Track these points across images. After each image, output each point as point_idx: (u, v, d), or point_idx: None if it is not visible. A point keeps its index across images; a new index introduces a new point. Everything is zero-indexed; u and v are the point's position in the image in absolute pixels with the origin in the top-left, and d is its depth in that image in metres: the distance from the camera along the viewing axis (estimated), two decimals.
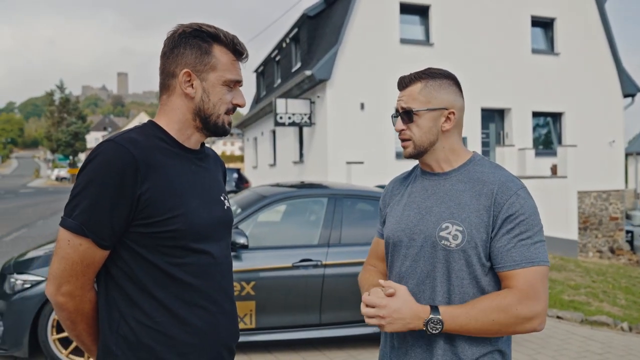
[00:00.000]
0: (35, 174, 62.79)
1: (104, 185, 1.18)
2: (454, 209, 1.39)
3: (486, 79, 13.78)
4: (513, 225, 1.33)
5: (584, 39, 14.99)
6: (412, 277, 1.43)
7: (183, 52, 1.30)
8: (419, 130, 1.43)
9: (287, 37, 17.11)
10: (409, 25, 13.67)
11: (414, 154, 1.46)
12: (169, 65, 1.31)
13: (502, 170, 1.44)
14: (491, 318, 1.29)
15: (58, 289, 1.23)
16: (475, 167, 1.45)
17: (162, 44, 1.35)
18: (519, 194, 1.36)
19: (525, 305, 1.29)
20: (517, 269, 1.32)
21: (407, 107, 1.43)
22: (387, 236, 1.53)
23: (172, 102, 1.33)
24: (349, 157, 12.52)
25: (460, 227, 1.36)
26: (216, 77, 1.31)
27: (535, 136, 15.28)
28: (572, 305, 5.99)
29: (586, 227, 14.58)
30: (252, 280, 4.01)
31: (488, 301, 1.31)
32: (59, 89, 58.39)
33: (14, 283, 3.89)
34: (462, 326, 1.30)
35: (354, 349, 4.35)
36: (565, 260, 9.35)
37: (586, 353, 4.41)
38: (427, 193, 1.47)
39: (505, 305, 1.29)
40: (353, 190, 4.71)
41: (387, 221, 1.56)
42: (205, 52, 1.30)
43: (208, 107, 1.32)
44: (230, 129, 1.38)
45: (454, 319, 1.29)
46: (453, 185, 1.43)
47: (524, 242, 1.32)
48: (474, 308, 1.30)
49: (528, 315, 1.30)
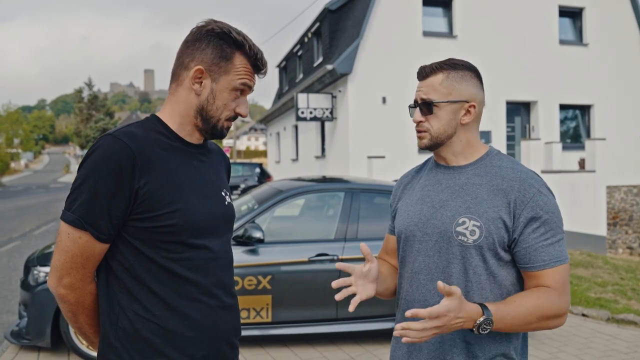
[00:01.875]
0: (65, 169, 64.48)
1: (101, 179, 1.18)
2: (470, 204, 1.35)
3: (511, 71, 13.48)
4: (538, 225, 1.31)
5: (614, 29, 14.51)
6: (426, 273, 1.40)
7: (204, 48, 1.28)
8: (437, 122, 1.39)
9: (309, 31, 17.08)
10: (432, 18, 13.47)
11: (429, 145, 1.42)
12: (186, 55, 1.30)
13: (520, 165, 1.41)
14: (533, 317, 1.28)
15: (59, 281, 1.24)
16: (492, 161, 1.41)
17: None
18: (541, 191, 1.34)
19: (560, 302, 1.31)
20: (547, 269, 1.31)
21: (427, 98, 1.39)
22: (399, 230, 1.50)
23: (178, 94, 1.32)
24: (371, 151, 12.44)
25: (477, 222, 1.32)
26: (227, 81, 1.29)
27: (563, 129, 14.90)
28: (598, 303, 5.82)
29: (615, 222, 14.16)
30: (268, 274, 4.01)
31: (534, 299, 1.29)
32: (87, 86, 59.81)
33: (37, 275, 3.99)
34: (507, 326, 1.28)
35: (370, 344, 4.33)
36: (593, 257, 9.09)
37: (611, 352, 4.28)
38: (441, 186, 1.43)
39: (550, 303, 1.29)
40: (370, 184, 4.67)
41: (398, 215, 1.52)
42: (225, 57, 1.28)
43: (211, 109, 1.31)
44: (227, 133, 1.38)
45: (502, 319, 1.25)
46: (469, 179, 1.39)
47: (549, 240, 1.32)
48: (521, 306, 1.27)
49: (562, 312, 1.32)
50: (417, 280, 1.42)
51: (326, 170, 14.62)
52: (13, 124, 55.57)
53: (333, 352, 4.17)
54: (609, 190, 13.82)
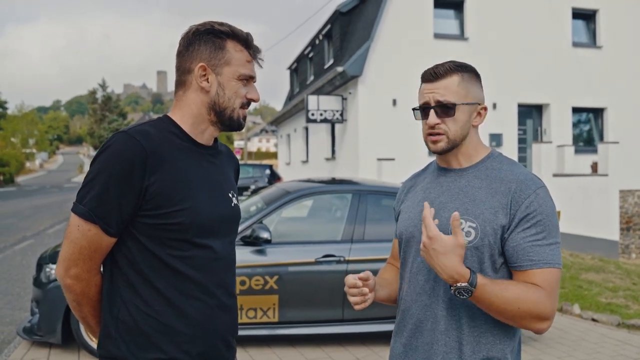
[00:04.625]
0: (79, 170, 65.20)
1: (113, 175, 1.22)
2: (468, 205, 1.35)
3: (523, 73, 13.38)
4: (530, 225, 1.30)
5: (628, 31, 14.33)
6: (423, 274, 1.41)
7: (198, 48, 1.33)
8: (454, 125, 1.38)
9: (320, 33, 17.12)
10: (444, 20, 13.43)
11: (447, 148, 1.40)
12: (185, 62, 1.35)
13: (520, 167, 1.41)
14: (516, 306, 1.25)
15: (66, 271, 1.28)
16: (492, 163, 1.42)
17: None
18: (537, 193, 1.32)
19: (547, 305, 1.28)
20: (535, 269, 1.29)
21: (446, 101, 1.37)
22: (400, 232, 1.51)
23: (187, 98, 1.36)
24: (381, 153, 12.42)
25: (473, 223, 1.33)
26: (231, 71, 1.33)
27: (576, 133, 14.75)
28: (609, 307, 5.76)
29: (629, 227, 13.97)
30: (275, 274, 4.04)
31: (521, 288, 1.27)
32: (101, 87, 60.47)
33: (49, 272, 4.06)
34: (486, 302, 1.26)
35: (376, 345, 4.33)
36: (605, 262, 8.99)
37: (620, 357, 4.24)
38: (442, 189, 1.44)
39: (534, 300, 1.26)
40: (378, 186, 4.68)
41: (400, 217, 1.54)
42: (219, 47, 1.33)
43: (223, 101, 1.34)
44: (244, 123, 1.40)
45: (484, 293, 1.25)
46: (469, 182, 1.40)
47: (541, 242, 1.29)
48: (507, 290, 1.26)
49: (547, 314, 1.28)
50: (416, 281, 1.43)
51: (336, 172, 14.63)
52: (28, 125, 56.45)
53: (339, 353, 4.18)
54: (622, 195, 13.64)
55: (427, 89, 1.42)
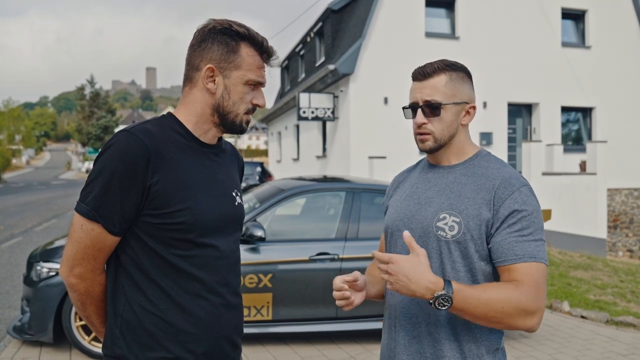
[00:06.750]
0: (66, 167, 64.57)
1: (116, 174, 1.21)
2: (453, 201, 1.37)
3: (513, 73, 13.49)
4: (514, 221, 1.30)
5: (617, 31, 14.51)
6: None
7: (210, 47, 1.31)
8: (441, 125, 1.39)
9: (312, 31, 17.09)
10: (435, 19, 13.48)
11: (434, 148, 1.42)
12: (195, 58, 1.33)
13: (506, 166, 1.42)
14: (500, 306, 1.23)
15: (70, 271, 1.27)
16: (480, 162, 1.43)
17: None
18: (521, 190, 1.33)
19: (532, 299, 1.25)
20: (520, 263, 1.27)
21: (433, 100, 1.38)
22: (386, 226, 1.53)
23: (193, 95, 1.34)
24: (372, 151, 12.45)
25: (457, 218, 1.34)
26: (239, 75, 1.31)
27: (565, 132, 14.90)
28: (597, 305, 5.84)
29: (616, 225, 14.17)
30: (269, 272, 4.04)
31: (500, 288, 1.26)
32: (89, 83, 59.82)
33: (40, 271, 4.02)
34: (469, 309, 1.24)
35: (369, 343, 4.35)
36: (593, 259, 9.10)
37: (610, 354, 4.30)
38: (429, 184, 1.45)
39: (517, 296, 1.24)
40: (371, 184, 4.69)
41: (387, 211, 1.55)
42: (231, 50, 1.31)
43: (227, 105, 1.33)
44: (247, 127, 1.39)
45: (465, 299, 1.22)
46: (456, 178, 1.41)
47: (525, 238, 1.29)
48: (486, 292, 1.24)
49: (533, 309, 1.26)
50: None
51: (327, 170, 14.64)
52: (15, 121, 55.67)
53: (333, 351, 4.19)
54: (610, 193, 13.82)
55: (415, 88, 1.42)
